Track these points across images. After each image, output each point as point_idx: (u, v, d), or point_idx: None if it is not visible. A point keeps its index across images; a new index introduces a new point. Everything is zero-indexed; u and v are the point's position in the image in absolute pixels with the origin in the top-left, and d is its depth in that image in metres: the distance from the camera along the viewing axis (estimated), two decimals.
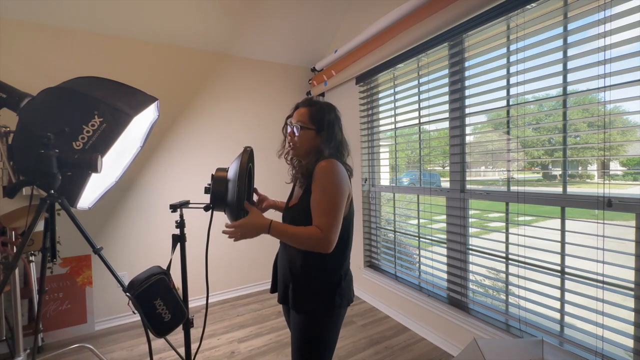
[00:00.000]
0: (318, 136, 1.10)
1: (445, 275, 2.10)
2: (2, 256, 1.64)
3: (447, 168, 2.04)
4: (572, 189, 1.45)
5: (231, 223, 1.03)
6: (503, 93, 1.69)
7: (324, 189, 1.00)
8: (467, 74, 1.86)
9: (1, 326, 1.74)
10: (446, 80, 1.99)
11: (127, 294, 1.26)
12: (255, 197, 1.30)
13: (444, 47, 1.98)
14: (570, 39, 1.42)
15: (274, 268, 1.24)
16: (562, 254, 1.48)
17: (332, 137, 1.11)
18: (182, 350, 1.52)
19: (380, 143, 2.68)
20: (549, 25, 1.47)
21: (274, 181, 3.11)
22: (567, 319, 1.49)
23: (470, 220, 1.92)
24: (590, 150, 1.52)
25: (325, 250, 0.98)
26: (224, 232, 1.02)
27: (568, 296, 1.47)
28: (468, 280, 1.93)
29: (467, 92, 1.86)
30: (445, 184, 2.10)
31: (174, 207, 1.34)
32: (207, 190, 1.18)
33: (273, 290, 1.24)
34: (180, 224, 1.39)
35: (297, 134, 1.11)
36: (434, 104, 2.09)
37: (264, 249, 3.09)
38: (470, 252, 1.92)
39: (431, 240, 2.21)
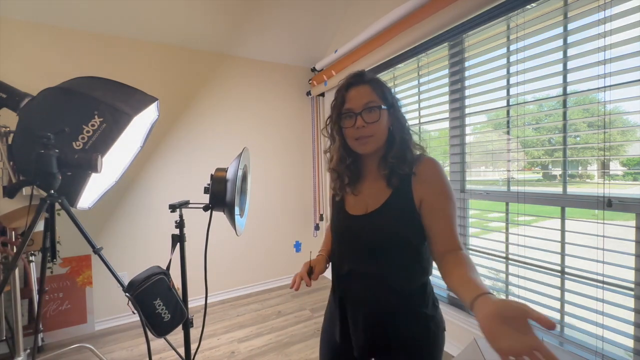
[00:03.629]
0: (389, 117, 0.83)
1: None
2: (2, 256, 1.64)
3: (447, 168, 2.04)
4: (572, 189, 1.45)
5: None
6: (503, 93, 1.69)
7: (449, 196, 0.80)
8: (467, 74, 1.86)
9: (1, 326, 1.74)
10: (446, 80, 1.99)
11: (127, 294, 1.26)
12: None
13: (444, 47, 1.98)
14: (570, 39, 1.42)
15: (342, 309, 0.90)
16: (562, 254, 1.47)
17: (402, 115, 0.84)
18: (182, 350, 1.52)
19: None
20: (549, 26, 1.47)
21: (273, 181, 3.12)
22: (567, 319, 1.49)
23: (470, 220, 1.92)
24: (590, 150, 1.52)
25: None
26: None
27: (568, 296, 1.47)
28: None
29: (467, 92, 1.86)
30: None
31: (173, 207, 1.34)
32: (206, 190, 1.19)
33: (344, 339, 0.91)
34: (180, 224, 1.39)
35: (374, 121, 0.78)
36: (434, 104, 2.09)
37: (265, 249, 3.09)
38: (470, 252, 1.92)
39: None
